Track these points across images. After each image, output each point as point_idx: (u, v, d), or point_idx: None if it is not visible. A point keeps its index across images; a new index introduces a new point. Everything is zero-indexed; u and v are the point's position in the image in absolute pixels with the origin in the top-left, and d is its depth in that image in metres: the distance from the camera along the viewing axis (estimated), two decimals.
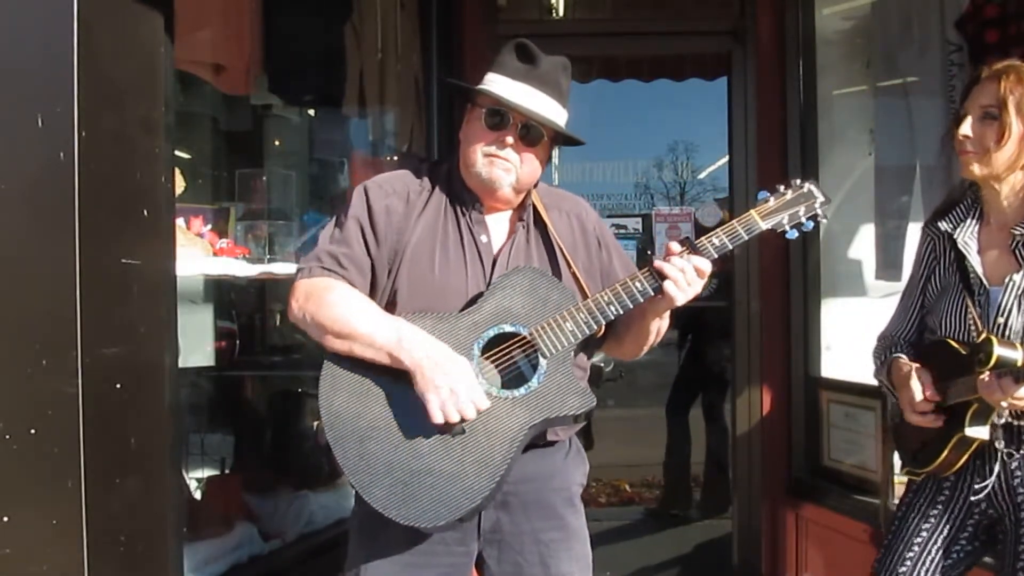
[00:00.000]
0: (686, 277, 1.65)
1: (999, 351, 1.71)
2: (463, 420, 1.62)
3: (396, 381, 1.67)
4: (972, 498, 1.88)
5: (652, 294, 1.69)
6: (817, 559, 3.34)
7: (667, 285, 1.66)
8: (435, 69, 3.52)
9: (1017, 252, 1.85)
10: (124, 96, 1.81)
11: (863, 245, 3.53)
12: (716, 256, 1.69)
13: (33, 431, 1.60)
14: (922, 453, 1.90)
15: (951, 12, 3.06)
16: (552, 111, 1.76)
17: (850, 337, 3.35)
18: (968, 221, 1.91)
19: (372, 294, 1.77)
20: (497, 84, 1.75)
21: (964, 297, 1.86)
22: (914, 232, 2.88)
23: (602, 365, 2.33)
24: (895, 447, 2.06)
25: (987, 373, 1.71)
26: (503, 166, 1.74)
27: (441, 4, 3.55)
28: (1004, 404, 1.71)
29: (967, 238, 1.90)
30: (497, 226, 1.83)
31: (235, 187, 3.15)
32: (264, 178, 3.16)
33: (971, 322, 1.84)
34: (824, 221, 1.77)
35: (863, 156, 3.52)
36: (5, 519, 1.56)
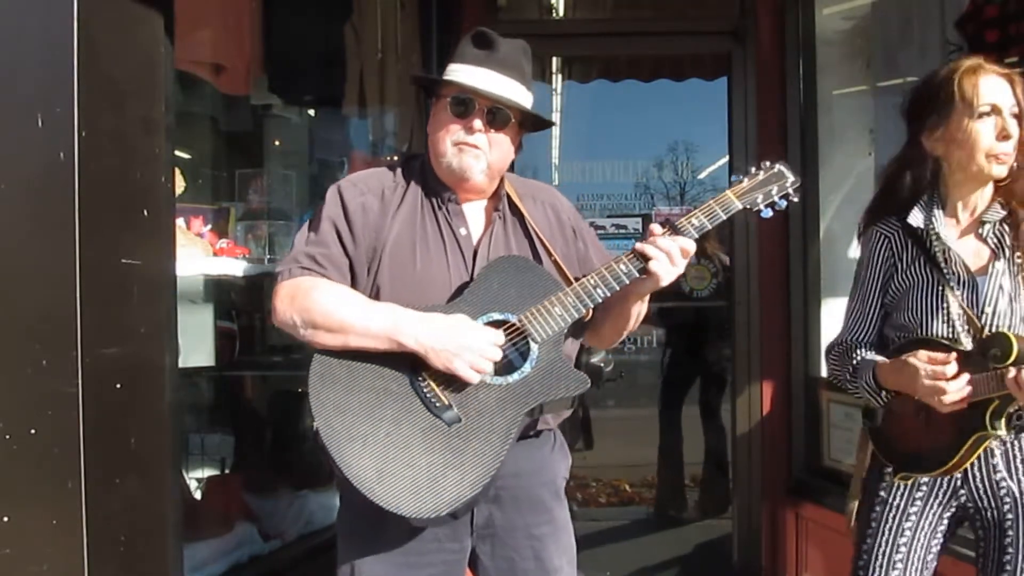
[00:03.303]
0: (670, 258, 1.68)
1: (1020, 347, 1.69)
2: (496, 366, 1.64)
3: (389, 374, 1.67)
4: (959, 500, 1.87)
5: (637, 275, 1.70)
6: (817, 559, 3.34)
7: (652, 264, 1.68)
8: (435, 69, 3.52)
9: (989, 240, 1.86)
10: (124, 96, 1.81)
11: None
12: (696, 236, 1.72)
13: (33, 431, 1.60)
14: (927, 456, 1.85)
15: (951, 12, 3.06)
16: (516, 92, 1.77)
17: None
18: (935, 214, 1.90)
19: None
20: (459, 72, 1.76)
21: (942, 290, 1.85)
22: None
23: (602, 365, 2.32)
24: (878, 452, 1.98)
25: None
26: (472, 153, 1.75)
27: (441, 4, 3.55)
28: None
29: (942, 231, 1.88)
30: (475, 217, 1.83)
31: (235, 187, 3.14)
32: (264, 178, 3.16)
33: (955, 315, 1.82)
34: (795, 200, 1.80)
35: (863, 156, 3.52)
36: (5, 519, 1.56)
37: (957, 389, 1.74)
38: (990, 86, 1.83)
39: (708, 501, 4.61)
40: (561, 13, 4.36)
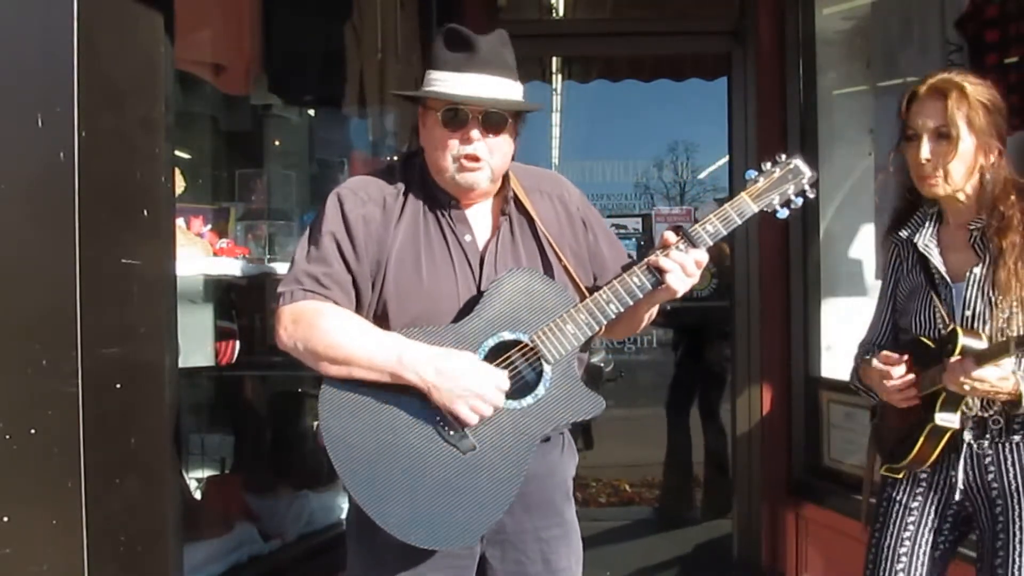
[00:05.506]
0: (685, 270, 1.66)
1: (964, 340, 1.74)
2: (496, 412, 1.61)
3: (399, 402, 1.62)
4: (955, 497, 1.89)
5: (651, 288, 1.68)
6: (817, 559, 3.34)
7: (668, 278, 1.66)
8: None
9: (976, 246, 1.89)
10: (124, 96, 1.81)
11: (863, 245, 3.53)
12: (711, 244, 1.69)
13: (33, 431, 1.60)
14: (899, 449, 1.91)
15: (951, 12, 3.06)
16: (506, 90, 1.69)
17: (850, 337, 3.33)
18: (927, 224, 1.96)
19: (358, 309, 1.71)
20: (444, 82, 1.68)
21: (931, 296, 1.91)
22: None
23: (602, 365, 2.33)
24: (874, 447, 2.06)
25: (953, 359, 1.73)
26: (474, 166, 1.67)
27: (441, 4, 3.55)
28: (967, 387, 1.71)
29: (927, 241, 1.94)
30: (480, 222, 1.76)
31: (235, 187, 3.14)
32: (264, 178, 3.15)
33: (939, 318, 1.88)
34: (811, 196, 1.75)
35: (863, 156, 3.52)
36: (5, 519, 1.56)
37: (897, 378, 1.83)
38: (919, 109, 1.87)
39: (708, 501, 4.62)
40: (561, 13, 4.37)
